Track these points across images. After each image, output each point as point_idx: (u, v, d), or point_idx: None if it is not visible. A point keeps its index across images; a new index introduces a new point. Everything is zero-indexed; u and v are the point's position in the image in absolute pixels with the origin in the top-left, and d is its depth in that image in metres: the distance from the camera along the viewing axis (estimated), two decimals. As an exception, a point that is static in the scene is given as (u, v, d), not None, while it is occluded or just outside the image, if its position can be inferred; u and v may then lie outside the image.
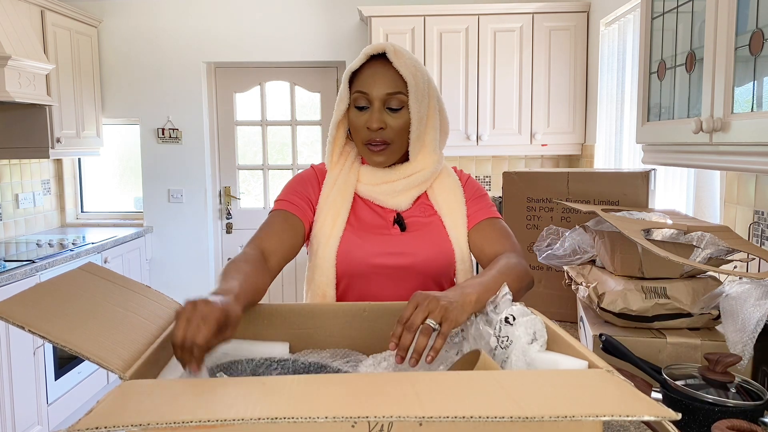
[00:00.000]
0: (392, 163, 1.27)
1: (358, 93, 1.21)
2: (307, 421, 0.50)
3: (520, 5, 3.44)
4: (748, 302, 1.11)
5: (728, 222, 1.77)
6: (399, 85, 1.20)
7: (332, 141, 1.30)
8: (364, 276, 1.24)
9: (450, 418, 0.51)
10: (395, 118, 1.21)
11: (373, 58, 1.23)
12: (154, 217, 4.13)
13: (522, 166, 3.96)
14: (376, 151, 1.23)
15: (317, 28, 3.95)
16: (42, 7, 3.35)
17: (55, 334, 0.72)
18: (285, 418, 0.51)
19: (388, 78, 1.20)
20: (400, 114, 1.21)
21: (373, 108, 1.21)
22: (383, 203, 1.29)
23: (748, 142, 1.10)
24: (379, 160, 1.25)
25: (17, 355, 2.73)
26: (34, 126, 3.39)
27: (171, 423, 0.52)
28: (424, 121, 1.24)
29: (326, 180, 1.31)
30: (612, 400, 0.57)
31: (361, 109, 1.22)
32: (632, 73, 2.78)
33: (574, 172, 1.79)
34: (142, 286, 0.98)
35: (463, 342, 0.92)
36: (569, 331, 1.66)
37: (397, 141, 1.23)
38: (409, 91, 1.20)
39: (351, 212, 1.28)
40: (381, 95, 1.20)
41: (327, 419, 0.51)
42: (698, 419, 1.00)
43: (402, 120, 1.22)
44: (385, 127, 1.21)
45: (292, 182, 1.33)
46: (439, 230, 1.27)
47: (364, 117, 1.22)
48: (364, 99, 1.21)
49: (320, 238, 1.26)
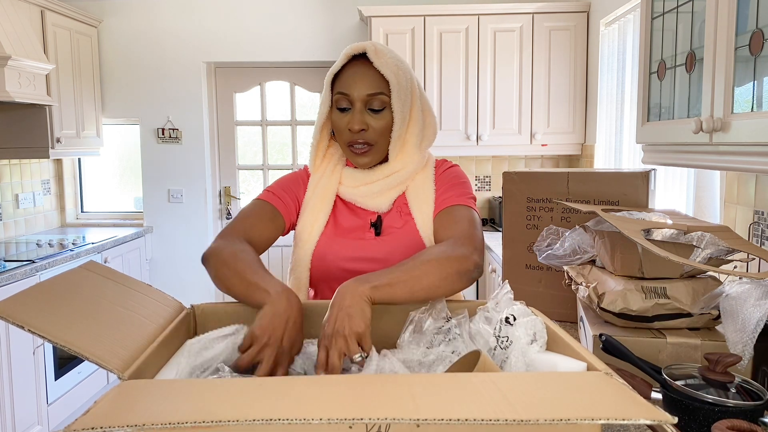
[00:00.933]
0: (375, 163, 1.26)
1: (339, 94, 1.20)
2: (302, 422, 0.50)
3: (520, 5, 3.44)
4: (748, 302, 1.11)
5: (728, 222, 1.77)
6: (381, 86, 1.18)
7: (315, 144, 1.30)
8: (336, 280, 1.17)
9: (446, 420, 0.51)
10: (377, 119, 1.20)
11: (355, 59, 1.21)
12: (154, 217, 4.13)
13: (522, 166, 3.95)
14: (360, 153, 1.22)
15: (317, 28, 3.95)
16: (42, 7, 3.35)
17: (54, 333, 0.72)
18: (280, 419, 0.51)
19: (369, 78, 1.18)
20: (382, 115, 1.20)
21: (355, 109, 1.19)
22: (364, 205, 1.27)
23: (748, 142, 1.10)
24: (363, 162, 1.24)
25: (17, 355, 2.73)
26: (34, 126, 3.39)
27: (167, 423, 0.52)
28: (406, 122, 1.22)
29: (309, 182, 1.31)
30: (609, 404, 0.57)
31: (342, 110, 1.21)
32: (632, 73, 2.78)
33: (574, 172, 1.79)
34: (144, 285, 0.98)
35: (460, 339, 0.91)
36: (569, 331, 1.66)
37: (381, 142, 1.22)
38: (391, 91, 1.18)
39: (332, 215, 1.28)
40: (362, 96, 1.18)
41: (322, 421, 0.51)
42: (698, 419, 1.00)
43: (384, 121, 1.20)
44: (367, 128, 1.19)
45: (284, 179, 1.34)
46: (412, 233, 1.24)
47: (345, 119, 1.20)
48: (346, 100, 1.19)
49: (298, 241, 1.27)
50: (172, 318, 0.92)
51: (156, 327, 0.87)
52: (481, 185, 3.99)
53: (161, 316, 0.91)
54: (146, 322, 0.86)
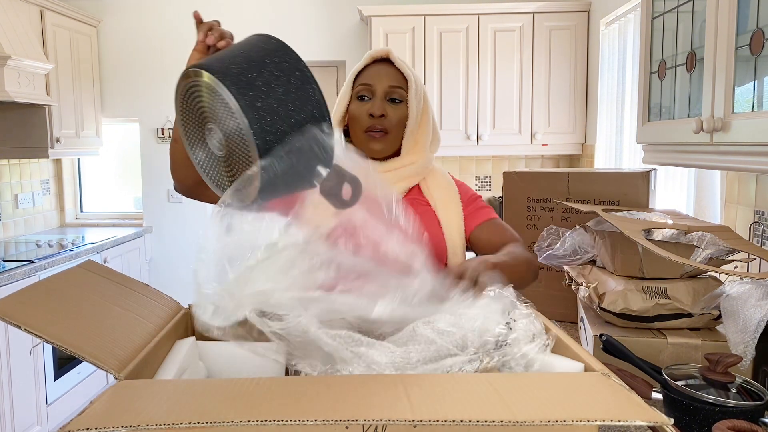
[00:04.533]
0: (387, 154, 1.32)
1: (363, 85, 1.30)
2: (297, 423, 0.50)
3: (520, 5, 3.43)
4: (749, 302, 1.11)
5: (729, 222, 1.76)
6: (401, 82, 1.30)
7: None
8: None
9: (442, 421, 0.51)
10: (395, 109, 1.29)
11: (375, 62, 1.32)
12: (154, 217, 4.13)
13: (522, 166, 3.95)
14: (376, 138, 1.29)
15: (317, 28, 3.95)
16: (41, 6, 3.35)
17: (50, 332, 0.72)
18: (275, 419, 0.50)
19: (391, 74, 1.30)
20: (399, 107, 1.29)
21: (376, 97, 1.28)
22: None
23: (749, 142, 1.10)
24: (378, 148, 1.29)
25: (16, 356, 2.73)
26: (34, 126, 3.39)
27: (162, 424, 0.52)
28: (419, 120, 1.32)
29: None
30: (606, 405, 0.56)
31: (362, 99, 1.30)
32: (632, 72, 2.78)
33: (575, 172, 1.79)
34: (141, 285, 0.98)
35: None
36: (569, 331, 1.66)
37: (395, 132, 1.30)
38: (409, 88, 1.29)
39: None
40: (384, 87, 1.28)
41: (317, 421, 0.50)
42: (699, 419, 1.00)
43: (401, 112, 1.29)
44: (386, 115, 1.28)
45: None
46: (431, 221, 1.30)
47: (366, 106, 1.28)
48: (368, 90, 1.29)
49: None
50: (169, 318, 0.92)
51: (153, 327, 0.87)
52: (481, 185, 3.98)
53: (159, 315, 0.91)
54: (143, 322, 0.86)
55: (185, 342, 0.88)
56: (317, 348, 0.72)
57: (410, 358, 0.74)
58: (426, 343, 0.76)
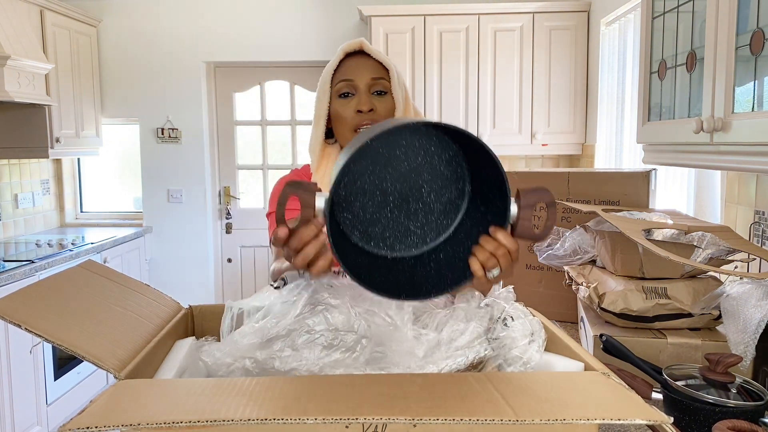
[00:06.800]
0: None
1: (343, 82, 1.22)
2: (297, 422, 0.50)
3: (520, 5, 3.43)
4: (750, 302, 1.11)
5: (729, 222, 1.76)
6: (381, 73, 1.23)
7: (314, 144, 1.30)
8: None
9: (442, 420, 0.51)
10: (382, 102, 1.22)
11: (348, 56, 1.25)
12: (154, 217, 4.13)
13: (522, 166, 3.95)
14: None
15: (317, 28, 3.94)
16: (41, 6, 3.35)
17: (51, 332, 0.72)
18: (275, 419, 0.50)
19: (370, 66, 1.22)
20: (385, 98, 1.23)
21: (360, 92, 1.21)
22: None
23: (749, 142, 1.10)
24: None
25: (16, 355, 2.72)
26: (34, 126, 3.39)
27: (162, 423, 0.52)
28: (404, 108, 1.25)
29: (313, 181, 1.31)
30: (606, 404, 0.57)
31: (345, 96, 1.22)
32: (633, 72, 2.78)
33: (575, 172, 1.78)
34: (141, 285, 0.98)
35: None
36: (569, 331, 1.65)
37: None
38: (391, 78, 1.22)
39: None
40: (366, 80, 1.21)
41: (317, 420, 0.50)
42: (699, 420, 1.00)
43: (388, 104, 1.23)
44: (375, 109, 1.21)
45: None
46: None
47: (351, 103, 1.22)
48: (350, 86, 1.22)
49: None
50: (169, 318, 0.92)
51: (153, 327, 0.87)
52: (481, 185, 3.98)
53: (159, 316, 0.91)
54: (143, 322, 0.86)
55: (185, 342, 0.88)
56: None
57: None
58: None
